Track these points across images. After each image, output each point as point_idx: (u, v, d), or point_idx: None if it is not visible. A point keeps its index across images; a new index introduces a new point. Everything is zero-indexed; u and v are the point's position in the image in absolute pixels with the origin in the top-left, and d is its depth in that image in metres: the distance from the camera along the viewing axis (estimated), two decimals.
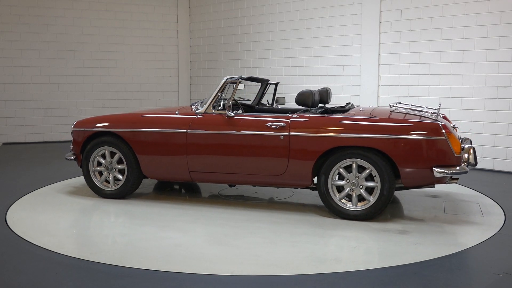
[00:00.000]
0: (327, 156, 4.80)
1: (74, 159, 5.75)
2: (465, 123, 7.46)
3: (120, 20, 10.87)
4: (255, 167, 5.04)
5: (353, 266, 3.64)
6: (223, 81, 5.33)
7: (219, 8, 10.80)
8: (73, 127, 5.77)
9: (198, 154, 5.21)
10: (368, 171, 4.65)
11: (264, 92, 6.42)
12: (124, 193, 5.58)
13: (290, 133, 4.88)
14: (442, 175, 4.47)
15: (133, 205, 5.37)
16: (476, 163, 4.94)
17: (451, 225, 4.62)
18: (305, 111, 5.31)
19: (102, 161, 5.61)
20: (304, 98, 5.17)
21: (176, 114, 5.45)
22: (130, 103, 11.02)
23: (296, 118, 4.95)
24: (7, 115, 10.12)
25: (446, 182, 4.70)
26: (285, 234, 4.37)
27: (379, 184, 4.63)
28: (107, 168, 5.61)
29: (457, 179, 4.75)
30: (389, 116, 4.87)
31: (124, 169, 5.54)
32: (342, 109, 5.43)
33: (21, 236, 4.30)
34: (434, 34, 7.66)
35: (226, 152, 5.11)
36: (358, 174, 4.70)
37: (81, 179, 6.63)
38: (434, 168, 4.47)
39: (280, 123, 4.92)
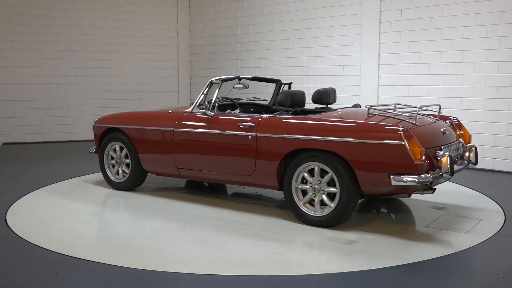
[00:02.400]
0: (291, 158, 4.68)
1: (95, 152, 6.27)
2: (465, 123, 7.44)
3: (120, 20, 10.87)
4: (228, 166, 5.12)
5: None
6: (208, 82, 5.53)
7: (219, 8, 10.80)
8: (94, 123, 6.28)
9: (183, 151, 5.44)
10: (329, 175, 4.42)
11: (279, 92, 6.36)
12: (130, 185, 5.94)
13: (257, 134, 4.86)
14: (399, 183, 4.08)
15: (135, 205, 5.37)
16: (476, 163, 4.85)
17: (406, 239, 4.25)
18: (286, 111, 5.30)
19: (114, 155, 6.04)
20: (283, 99, 5.12)
21: (169, 112, 5.69)
22: (130, 103, 11.01)
23: (264, 119, 4.92)
24: (7, 115, 10.11)
25: (420, 192, 4.33)
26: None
27: (338, 189, 4.37)
28: (117, 162, 6.03)
29: (433, 189, 4.33)
30: (355, 118, 4.58)
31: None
32: (316, 110, 5.25)
33: (21, 236, 4.30)
34: (434, 34, 7.65)
35: (204, 150, 5.27)
36: (320, 178, 4.50)
37: (80, 179, 6.64)
38: (391, 176, 4.12)
39: (250, 124, 4.94)
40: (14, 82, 10.11)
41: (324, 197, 4.50)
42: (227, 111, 5.51)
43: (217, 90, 5.44)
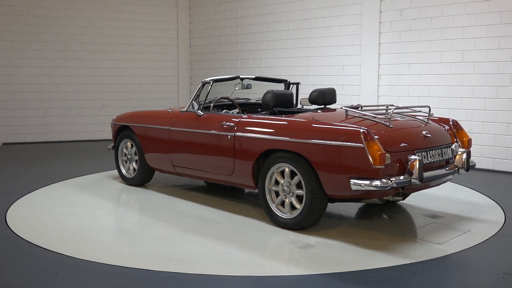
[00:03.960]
0: (265, 159, 4.64)
1: (112, 148, 6.53)
2: (465, 123, 7.44)
3: (120, 20, 10.87)
4: (212, 165, 5.19)
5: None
6: (201, 82, 5.63)
7: (219, 8, 10.81)
8: (112, 121, 6.59)
9: (177, 150, 5.57)
10: (297, 177, 4.34)
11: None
12: (139, 181, 6.18)
13: (236, 133, 4.87)
14: (356, 187, 3.94)
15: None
16: (468, 169, 4.55)
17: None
18: (272, 112, 5.25)
19: (126, 151, 6.32)
20: (267, 99, 5.09)
21: (169, 112, 5.83)
22: (130, 103, 11.01)
23: (243, 119, 4.92)
24: (7, 115, 10.11)
25: (391, 198, 4.21)
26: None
27: (305, 192, 4.28)
28: (128, 158, 6.30)
29: (403, 195, 4.18)
30: (327, 120, 4.47)
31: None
32: (295, 111, 5.09)
33: (21, 236, 4.30)
34: (434, 34, 7.65)
35: (193, 149, 5.38)
36: (290, 180, 4.41)
37: (80, 179, 6.65)
38: (350, 180, 3.98)
39: (230, 123, 4.96)
40: (14, 82, 10.11)
41: (293, 199, 4.42)
42: (223, 111, 5.52)
43: (208, 90, 5.52)
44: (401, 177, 4.01)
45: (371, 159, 3.88)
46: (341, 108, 4.71)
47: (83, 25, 10.56)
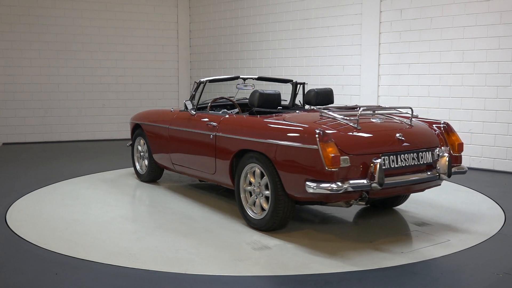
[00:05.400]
0: (239, 159, 4.64)
1: (130, 146, 6.73)
2: (465, 123, 7.46)
3: (120, 20, 10.87)
4: (199, 164, 5.28)
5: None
6: (195, 82, 5.78)
7: (219, 8, 10.81)
8: (130, 120, 6.77)
9: (175, 148, 5.70)
10: (265, 178, 4.29)
11: (296, 93, 6.27)
12: (149, 178, 6.37)
13: (217, 133, 4.92)
14: (312, 190, 3.82)
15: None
16: (449, 175, 4.26)
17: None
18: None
19: (140, 149, 6.52)
20: (252, 99, 5.05)
21: (171, 111, 5.94)
22: (130, 103, 11.02)
23: (224, 119, 4.98)
24: (7, 115, 10.11)
25: (355, 203, 4.06)
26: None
27: (270, 193, 4.24)
28: (140, 155, 6.52)
29: (365, 200, 3.97)
30: (296, 121, 4.34)
31: None
32: (271, 111, 4.94)
33: (21, 236, 4.30)
34: (434, 34, 7.65)
35: (185, 148, 5.50)
36: (260, 181, 4.37)
37: (80, 179, 6.64)
38: (306, 182, 3.87)
39: (213, 123, 5.01)
40: (14, 82, 10.11)
41: (262, 200, 4.37)
42: (221, 111, 5.53)
43: (202, 90, 5.61)
44: (361, 181, 3.85)
45: (324, 161, 3.77)
46: (313, 108, 4.62)
47: (83, 25, 10.56)
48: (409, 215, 4.99)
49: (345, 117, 4.24)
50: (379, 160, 3.91)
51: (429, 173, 4.28)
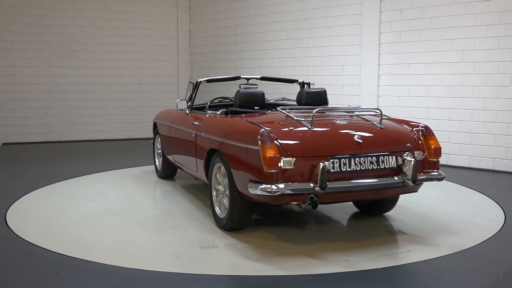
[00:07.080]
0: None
1: (152, 143, 6.98)
2: (465, 123, 7.46)
3: (120, 20, 10.87)
4: (188, 162, 5.39)
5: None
6: (189, 82, 5.97)
7: (219, 8, 10.80)
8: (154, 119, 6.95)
9: (175, 145, 5.85)
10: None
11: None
12: (164, 175, 6.60)
13: (197, 132, 4.99)
14: (251, 191, 3.78)
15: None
16: (414, 182, 3.97)
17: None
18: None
19: (159, 146, 6.76)
20: (235, 99, 5.08)
21: (176, 110, 5.97)
22: (130, 103, 11.02)
23: (204, 118, 5.07)
24: (7, 115, 10.11)
25: (305, 206, 3.90)
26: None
27: (228, 192, 4.22)
28: (158, 153, 6.79)
29: (312, 204, 3.82)
30: (258, 121, 4.26)
31: None
32: (242, 111, 4.87)
33: (21, 236, 4.31)
34: (434, 34, 7.65)
35: (180, 145, 5.63)
36: (224, 180, 4.36)
37: (80, 179, 6.64)
38: (249, 182, 3.83)
39: (196, 122, 5.11)
40: (14, 82, 10.11)
41: (225, 199, 4.34)
42: (220, 111, 5.50)
43: (196, 89, 5.69)
44: (304, 184, 3.74)
45: (263, 162, 3.72)
46: (277, 109, 4.46)
47: (83, 25, 10.56)
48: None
49: (306, 118, 4.14)
50: (322, 163, 3.75)
51: (396, 178, 4.00)
